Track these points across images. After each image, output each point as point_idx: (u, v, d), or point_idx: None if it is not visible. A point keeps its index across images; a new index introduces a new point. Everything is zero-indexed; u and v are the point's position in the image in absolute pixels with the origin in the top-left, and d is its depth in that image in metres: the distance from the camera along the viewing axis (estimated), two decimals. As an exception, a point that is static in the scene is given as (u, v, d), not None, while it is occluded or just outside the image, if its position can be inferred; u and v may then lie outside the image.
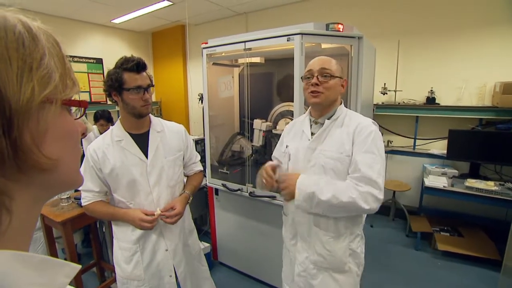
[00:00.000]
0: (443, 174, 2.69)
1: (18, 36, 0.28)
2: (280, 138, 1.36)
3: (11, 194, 0.27)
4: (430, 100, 2.93)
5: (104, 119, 2.80)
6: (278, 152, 1.37)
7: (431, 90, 2.92)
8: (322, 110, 1.15)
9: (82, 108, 0.37)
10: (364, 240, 1.22)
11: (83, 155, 1.22)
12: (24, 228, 0.31)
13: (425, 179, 2.67)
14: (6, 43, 0.27)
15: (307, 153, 1.15)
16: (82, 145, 2.53)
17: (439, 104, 2.91)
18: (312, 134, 1.17)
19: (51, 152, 0.30)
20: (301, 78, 1.18)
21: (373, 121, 1.13)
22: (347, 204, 1.01)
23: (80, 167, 0.38)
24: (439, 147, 2.98)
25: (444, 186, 2.47)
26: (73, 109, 0.35)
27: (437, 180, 2.58)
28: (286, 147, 1.26)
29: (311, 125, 1.19)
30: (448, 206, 2.87)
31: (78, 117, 0.37)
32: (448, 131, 2.67)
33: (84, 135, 2.45)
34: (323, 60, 1.12)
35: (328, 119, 1.13)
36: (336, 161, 1.08)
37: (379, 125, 1.14)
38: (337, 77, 1.09)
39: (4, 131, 0.26)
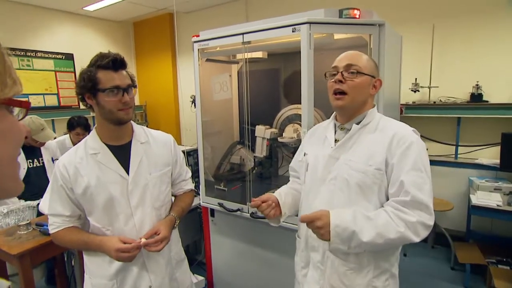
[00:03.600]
0: (496, 189, 2.68)
1: None
2: (300, 146, 1.42)
3: None
4: (476, 97, 2.95)
5: (81, 127, 2.87)
6: (295, 161, 1.42)
7: (477, 85, 2.94)
8: (349, 115, 1.19)
9: (24, 109, 0.42)
10: (397, 280, 1.21)
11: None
12: None
13: (472, 196, 2.67)
14: None
15: (328, 163, 1.18)
16: (41, 156, 2.62)
17: (487, 101, 2.93)
18: (336, 141, 1.20)
19: None
20: (325, 75, 1.21)
21: (413, 129, 1.15)
22: (395, 241, 1.03)
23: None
24: (489, 155, 2.97)
25: (498, 205, 2.45)
26: (16, 110, 0.40)
27: (488, 197, 2.57)
28: (304, 155, 1.31)
29: (335, 131, 1.23)
30: (508, 231, 2.84)
31: (20, 118, 0.42)
32: (501, 135, 2.68)
33: (41, 143, 2.53)
34: (351, 54, 1.16)
35: (357, 124, 1.16)
36: (363, 174, 1.10)
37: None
38: (366, 74, 1.13)
39: None
